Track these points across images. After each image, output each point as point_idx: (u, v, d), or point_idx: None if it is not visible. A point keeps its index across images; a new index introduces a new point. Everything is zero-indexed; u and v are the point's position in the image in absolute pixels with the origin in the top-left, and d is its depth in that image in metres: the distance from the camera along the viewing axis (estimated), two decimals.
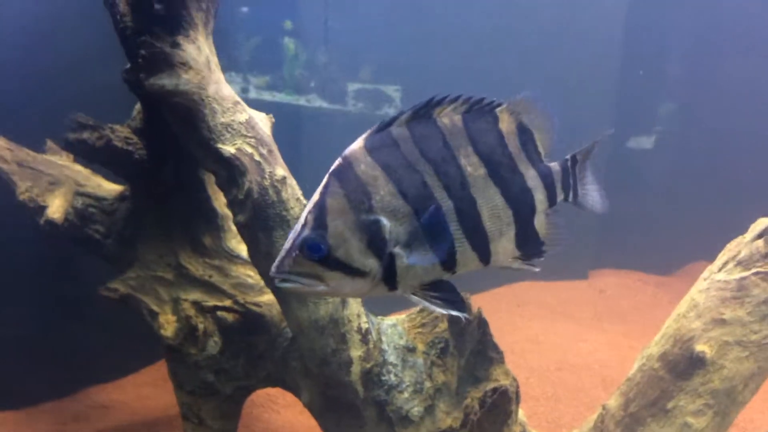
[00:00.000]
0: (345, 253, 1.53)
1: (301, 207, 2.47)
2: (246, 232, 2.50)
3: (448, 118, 1.63)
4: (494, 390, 2.55)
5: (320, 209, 1.53)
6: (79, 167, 3.34)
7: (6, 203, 3.25)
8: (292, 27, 4.99)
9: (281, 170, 2.47)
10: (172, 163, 3.05)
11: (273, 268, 1.55)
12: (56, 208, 3.07)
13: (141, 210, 3.24)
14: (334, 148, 1.66)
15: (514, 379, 2.62)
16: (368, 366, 2.71)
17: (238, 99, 2.46)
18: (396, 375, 2.74)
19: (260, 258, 2.54)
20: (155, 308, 3.13)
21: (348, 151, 1.59)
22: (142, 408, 4.03)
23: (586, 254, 6.35)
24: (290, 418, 3.90)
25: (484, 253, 1.64)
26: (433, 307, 1.61)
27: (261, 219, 2.44)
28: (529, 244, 1.70)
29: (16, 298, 3.75)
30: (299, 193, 2.50)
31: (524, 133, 1.70)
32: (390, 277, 1.57)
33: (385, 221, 1.54)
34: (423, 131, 1.61)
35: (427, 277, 1.60)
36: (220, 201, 3.19)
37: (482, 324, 2.63)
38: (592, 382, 4.15)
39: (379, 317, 2.87)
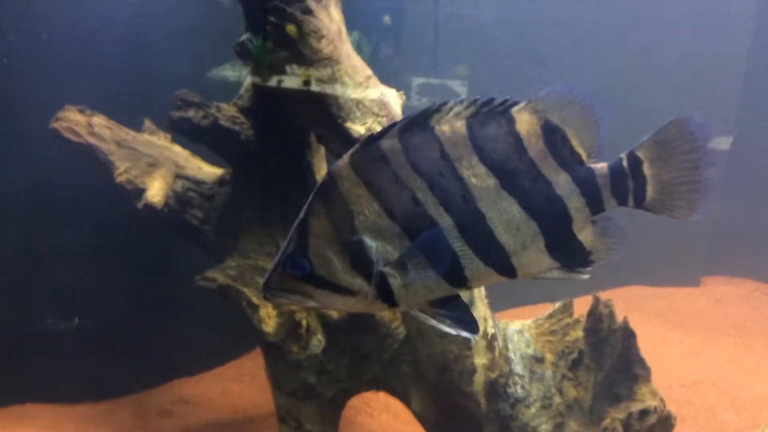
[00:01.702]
0: (328, 272, 1.54)
1: None
2: None
3: (449, 126, 1.56)
4: (643, 412, 2.42)
5: (303, 228, 1.55)
6: (178, 148, 3.34)
7: (99, 185, 3.27)
8: (390, 22, 4.93)
9: None
10: (277, 145, 3.01)
11: (263, 282, 1.58)
12: (156, 191, 3.07)
13: (241, 195, 3.22)
14: None
15: (662, 400, 2.49)
16: (493, 376, 2.61)
17: (370, 72, 2.38)
18: (523, 387, 2.64)
19: None
20: (256, 301, 3.10)
21: (334, 167, 1.57)
22: (227, 405, 4.04)
23: (697, 259, 6.12)
24: (386, 423, 3.85)
25: (503, 267, 1.60)
26: (440, 326, 1.59)
27: None
28: (568, 255, 1.62)
29: (102, 288, 3.80)
30: None
31: (552, 134, 1.60)
32: (386, 295, 1.56)
33: (370, 242, 1.53)
34: (417, 143, 1.55)
35: (432, 295, 1.59)
36: None
37: (628, 335, 2.51)
38: (721, 403, 3.96)
39: (504, 321, 2.77)
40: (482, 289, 2.63)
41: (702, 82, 5.43)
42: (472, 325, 1.59)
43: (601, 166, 1.62)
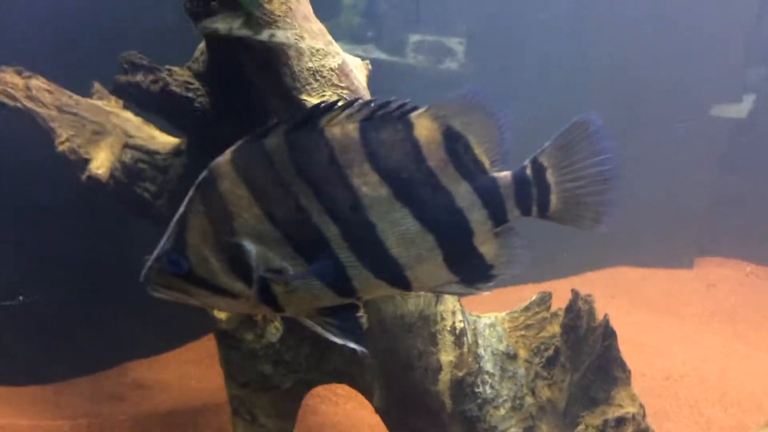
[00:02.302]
0: (207, 272, 1.50)
1: None
2: None
3: (340, 129, 1.50)
4: (620, 420, 2.28)
5: (182, 224, 1.51)
6: (129, 115, 3.15)
7: (42, 155, 3.08)
8: None
9: None
10: (235, 114, 2.82)
11: (142, 275, 1.53)
12: (101, 161, 2.89)
13: (198, 167, 3.01)
14: None
15: (641, 406, 2.35)
16: (460, 374, 2.47)
17: (330, 37, 2.18)
18: (492, 387, 2.50)
19: None
20: None
21: (214, 163, 1.52)
22: (184, 389, 3.90)
23: (690, 240, 5.98)
24: (351, 413, 3.72)
25: (395, 279, 1.55)
26: (327, 335, 1.56)
27: None
28: (467, 269, 1.58)
29: (51, 263, 3.63)
30: None
31: (454, 141, 1.53)
32: (270, 300, 1.53)
33: (249, 245, 1.48)
34: (304, 144, 1.50)
35: (319, 303, 1.55)
36: None
37: (608, 335, 2.36)
38: (708, 398, 3.84)
39: (474, 314, 2.62)
40: None
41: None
42: (360, 337, 1.56)
43: (504, 175, 1.55)
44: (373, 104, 1.52)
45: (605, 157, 1.56)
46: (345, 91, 2.13)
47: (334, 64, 2.13)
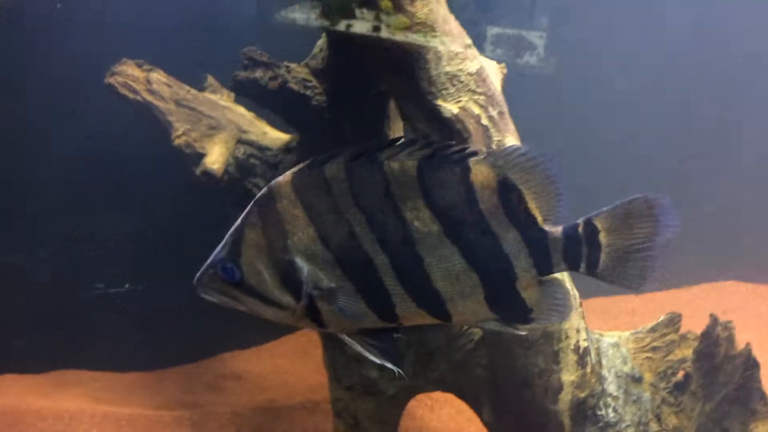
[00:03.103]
0: (258, 283, 1.56)
1: None
2: None
3: (399, 164, 1.54)
4: None
5: (238, 236, 1.56)
6: (242, 110, 3.10)
7: (158, 149, 3.07)
8: None
9: (512, 139, 2.09)
10: (353, 113, 2.74)
11: (195, 278, 1.59)
12: (216, 157, 2.85)
13: None
14: None
15: None
16: (582, 395, 2.33)
17: (469, 40, 2.07)
18: (615, 410, 2.36)
19: None
20: None
21: (275, 182, 1.57)
22: (280, 384, 3.86)
23: None
24: (447, 419, 3.62)
25: (437, 311, 1.59)
26: (366, 354, 1.59)
27: None
28: (507, 310, 1.61)
29: (155, 254, 3.64)
30: None
31: (508, 191, 1.57)
32: (315, 315, 1.57)
33: (301, 263, 1.54)
34: (363, 175, 1.54)
35: (360, 324, 1.58)
36: None
37: (751, 365, 2.19)
38: None
39: (598, 332, 2.48)
40: (576, 297, 2.33)
41: None
42: (397, 358, 1.61)
43: (555, 230, 1.59)
44: (434, 145, 1.55)
45: (657, 231, 1.61)
46: (481, 97, 2.01)
47: (472, 69, 2.01)
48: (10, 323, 3.61)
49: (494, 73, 2.16)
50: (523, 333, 1.63)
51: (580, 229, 1.59)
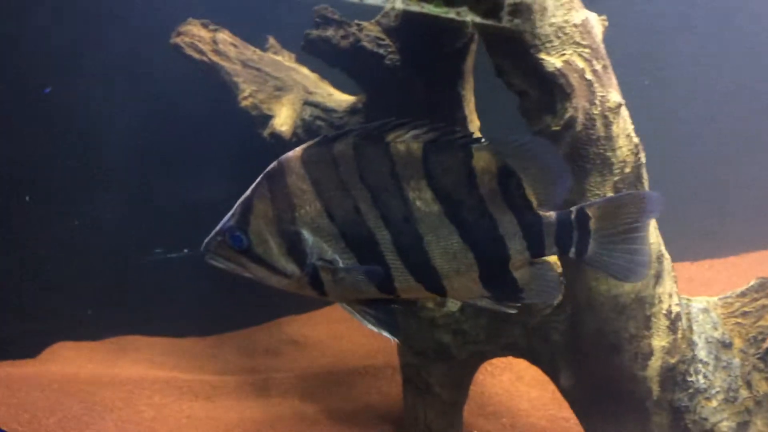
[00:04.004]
0: (264, 251, 1.62)
1: (630, 148, 2.00)
2: None
3: (405, 146, 1.61)
4: None
5: (247, 206, 1.62)
6: (306, 71, 3.02)
7: (224, 108, 2.99)
8: None
9: (616, 94, 1.99)
10: (426, 72, 2.65)
11: (203, 244, 1.66)
12: (284, 119, 2.77)
13: None
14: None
15: None
16: (672, 361, 2.26)
17: None
18: (705, 376, 2.28)
19: None
20: None
21: (285, 156, 1.63)
22: (338, 349, 3.82)
23: None
24: (508, 384, 3.56)
25: (433, 286, 1.66)
26: (364, 322, 1.66)
27: (578, 158, 2.00)
28: (499, 288, 1.69)
29: (214, 218, 3.57)
30: (630, 128, 2.02)
31: (507, 176, 1.64)
32: (317, 285, 1.63)
33: (307, 235, 1.61)
34: (369, 154, 1.61)
35: (361, 295, 1.65)
36: (474, 125, 2.78)
37: None
38: None
39: (685, 297, 2.39)
40: (669, 260, 2.25)
41: None
42: (394, 327, 1.67)
43: (549, 215, 1.66)
44: (439, 130, 1.61)
45: (645, 226, 1.68)
46: (586, 50, 1.91)
47: (577, 20, 1.91)
48: (68, 290, 3.58)
49: (596, 25, 2.05)
50: (511, 311, 1.70)
51: (573, 216, 1.66)
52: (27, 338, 3.52)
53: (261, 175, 1.64)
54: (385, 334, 1.66)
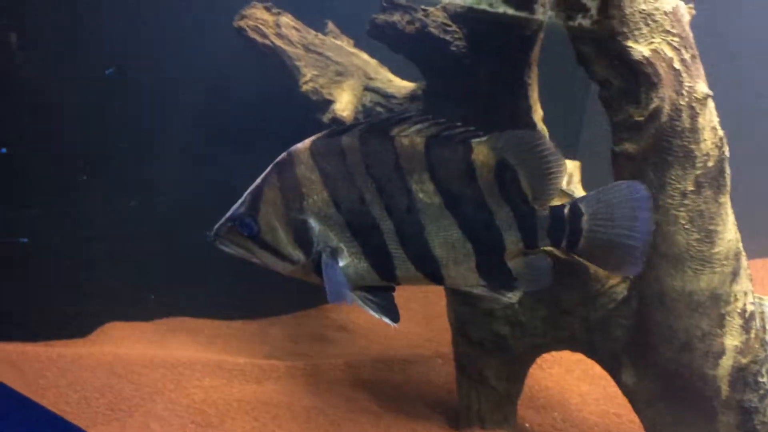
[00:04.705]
0: (273, 238, 1.67)
1: (714, 141, 1.93)
2: (628, 164, 2.00)
3: (409, 140, 1.67)
4: None
5: (257, 194, 1.68)
6: (366, 56, 2.97)
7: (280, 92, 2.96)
8: None
9: (703, 85, 1.92)
10: (493, 59, 2.59)
11: (213, 229, 1.72)
12: (345, 104, 2.73)
13: (434, 113, 2.84)
14: None
15: None
16: (744, 361, 2.19)
17: None
18: None
19: None
20: None
21: (294, 147, 1.69)
22: (383, 336, 3.79)
23: None
24: (558, 378, 3.51)
25: (432, 274, 1.72)
26: (365, 308, 1.69)
27: (660, 150, 1.94)
28: (495, 278, 1.75)
29: None
30: (716, 120, 1.96)
31: (505, 171, 1.70)
32: (323, 271, 1.68)
33: (314, 223, 1.66)
34: (375, 147, 1.66)
35: (363, 281, 1.70)
36: (538, 114, 2.71)
37: None
38: None
39: (758, 296, 2.32)
40: (746, 258, 2.18)
41: None
42: (394, 313, 1.72)
43: (543, 209, 1.73)
44: (442, 124, 1.68)
45: (638, 223, 1.73)
46: (676, 38, 1.85)
47: (668, 7, 1.85)
48: (117, 270, 3.58)
49: (684, 12, 1.98)
50: (506, 300, 1.79)
51: (566, 210, 1.73)
52: (80, 318, 3.52)
53: (271, 165, 1.70)
54: (386, 319, 1.71)
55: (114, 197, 3.41)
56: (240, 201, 1.71)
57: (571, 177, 2.69)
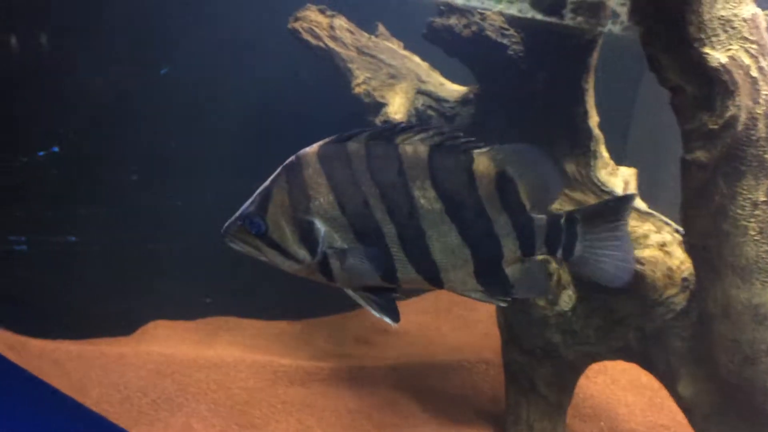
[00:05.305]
0: (280, 237, 1.71)
1: None
2: (698, 173, 1.95)
3: (413, 148, 1.71)
4: None
5: (266, 195, 1.72)
6: (418, 59, 2.94)
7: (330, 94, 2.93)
8: None
9: None
10: (550, 64, 2.55)
11: (223, 228, 1.75)
12: (398, 107, 2.70)
13: (486, 118, 2.81)
14: None
15: None
16: None
17: None
18: None
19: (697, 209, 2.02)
20: None
21: (302, 151, 1.73)
22: (426, 340, 3.76)
23: None
24: (603, 387, 3.45)
25: (432, 278, 1.76)
26: (367, 307, 1.75)
27: (733, 160, 1.88)
28: (492, 284, 1.79)
29: None
30: None
31: (504, 181, 1.74)
32: (326, 271, 1.73)
33: (320, 225, 1.69)
34: (380, 154, 1.70)
35: (364, 282, 1.74)
36: (593, 120, 2.67)
37: None
38: None
39: None
40: None
41: None
42: (395, 314, 1.75)
43: (540, 217, 1.77)
44: (445, 134, 1.72)
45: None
46: (753, 46, 1.79)
47: (747, 14, 1.79)
48: (162, 269, 3.58)
49: (763, 20, 1.93)
50: (502, 305, 1.81)
51: (563, 220, 1.77)
52: (124, 317, 3.53)
53: (280, 167, 1.75)
54: (386, 319, 1.74)
55: (161, 197, 3.41)
56: (249, 201, 1.76)
57: (627, 185, 2.64)
